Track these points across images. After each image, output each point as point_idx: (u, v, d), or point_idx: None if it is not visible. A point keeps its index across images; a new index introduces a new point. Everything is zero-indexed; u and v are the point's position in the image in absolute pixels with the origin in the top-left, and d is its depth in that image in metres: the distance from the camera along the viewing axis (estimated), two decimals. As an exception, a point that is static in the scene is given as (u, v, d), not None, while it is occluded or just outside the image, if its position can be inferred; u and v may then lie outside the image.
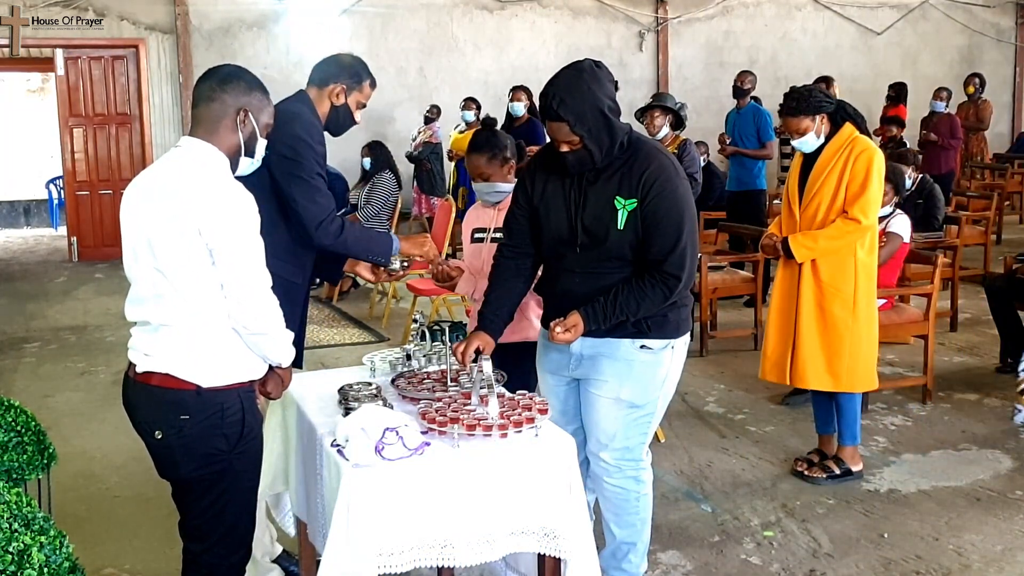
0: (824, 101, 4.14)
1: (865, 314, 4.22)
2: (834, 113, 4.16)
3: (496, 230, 3.70)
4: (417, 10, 12.39)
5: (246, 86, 2.65)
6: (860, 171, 4.07)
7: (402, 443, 2.55)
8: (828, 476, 4.40)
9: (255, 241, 2.53)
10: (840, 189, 4.11)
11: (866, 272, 4.20)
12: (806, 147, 4.20)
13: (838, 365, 4.22)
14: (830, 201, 4.13)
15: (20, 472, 3.20)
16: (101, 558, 3.78)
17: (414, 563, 2.55)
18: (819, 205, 4.15)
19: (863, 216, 4.08)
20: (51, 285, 10.16)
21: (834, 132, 4.16)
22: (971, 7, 14.55)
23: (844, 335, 4.19)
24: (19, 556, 2.27)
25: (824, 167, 4.14)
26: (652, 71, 13.38)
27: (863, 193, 4.06)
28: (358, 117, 3.52)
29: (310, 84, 3.45)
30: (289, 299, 2.90)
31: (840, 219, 4.11)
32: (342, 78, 3.42)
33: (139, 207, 2.56)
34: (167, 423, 2.56)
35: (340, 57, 3.51)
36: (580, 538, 2.70)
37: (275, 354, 2.65)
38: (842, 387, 4.28)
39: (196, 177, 2.50)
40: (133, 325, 2.65)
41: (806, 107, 4.12)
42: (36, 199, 16.07)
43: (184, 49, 11.35)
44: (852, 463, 4.44)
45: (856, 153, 4.09)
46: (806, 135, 4.15)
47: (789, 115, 4.17)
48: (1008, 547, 3.81)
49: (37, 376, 6.58)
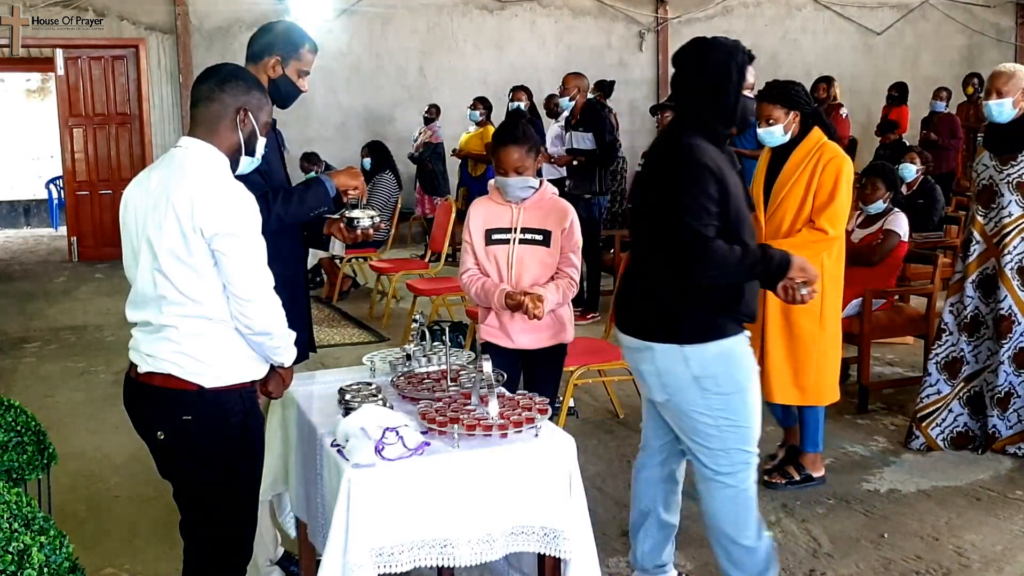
0: (804, 101, 4.07)
1: (831, 325, 4.13)
2: (806, 117, 4.06)
3: (524, 230, 3.63)
4: (417, 10, 12.39)
5: (244, 85, 2.65)
6: (828, 180, 3.95)
7: (402, 443, 2.55)
8: (788, 482, 4.33)
9: (257, 241, 2.53)
10: (808, 197, 3.98)
11: (833, 282, 4.08)
12: (771, 138, 4.07)
13: (805, 379, 4.12)
14: (797, 209, 4.00)
15: (20, 472, 3.20)
16: (101, 558, 3.77)
17: (414, 563, 2.55)
18: (785, 213, 4.03)
19: (830, 227, 3.94)
20: (51, 285, 10.16)
21: (803, 136, 4.05)
22: (971, 7, 14.55)
23: (811, 347, 4.09)
24: (19, 556, 2.27)
25: (791, 173, 4.02)
26: (652, 71, 13.38)
27: (831, 203, 3.93)
28: (303, 85, 3.32)
29: (247, 61, 3.28)
30: (287, 291, 2.87)
31: (807, 229, 3.98)
32: (276, 49, 3.26)
33: (139, 208, 2.56)
34: (169, 423, 2.56)
35: (273, 26, 3.36)
36: (580, 538, 2.70)
37: (278, 354, 2.65)
38: (808, 401, 4.20)
39: (197, 178, 2.49)
40: (133, 326, 2.64)
41: (784, 98, 4.05)
42: (36, 199, 16.09)
43: (184, 49, 11.36)
44: (813, 469, 4.37)
45: (825, 160, 3.97)
46: (774, 126, 4.03)
47: (766, 100, 4.08)
48: (1008, 547, 3.81)
49: (37, 376, 6.59)
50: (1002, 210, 4.55)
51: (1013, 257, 4.53)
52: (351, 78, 12.17)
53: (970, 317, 4.69)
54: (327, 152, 10.71)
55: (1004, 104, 4.47)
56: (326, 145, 11.26)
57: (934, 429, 4.77)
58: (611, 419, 5.30)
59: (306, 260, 3.57)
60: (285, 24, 3.41)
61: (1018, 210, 4.52)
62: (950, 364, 4.76)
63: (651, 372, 3.11)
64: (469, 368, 3.24)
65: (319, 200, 3.20)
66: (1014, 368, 4.57)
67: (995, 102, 4.49)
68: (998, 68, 4.58)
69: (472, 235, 3.71)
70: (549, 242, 3.65)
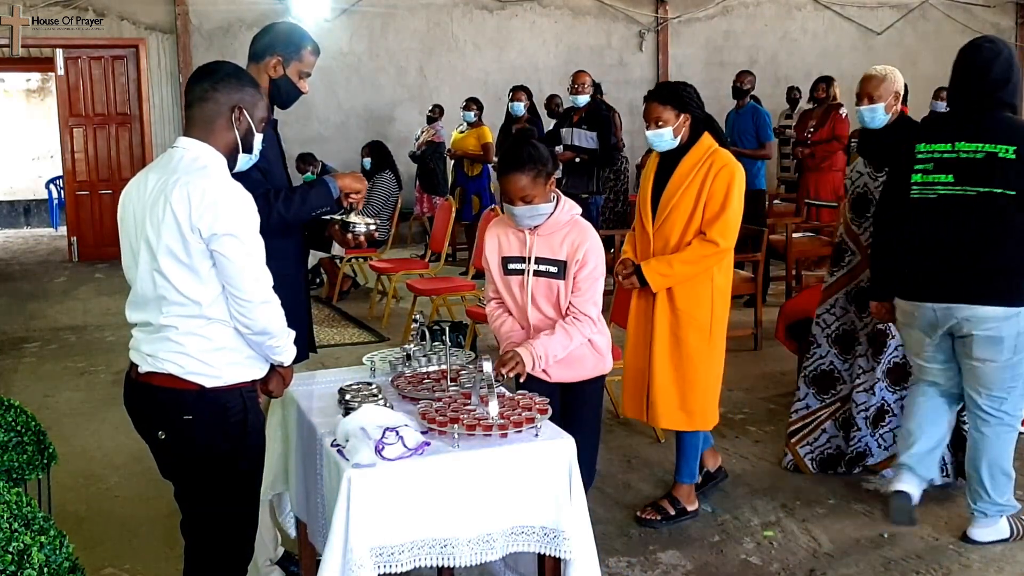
0: (695, 104, 3.83)
1: (719, 344, 3.93)
2: (697, 122, 3.84)
3: (539, 260, 3.35)
4: (417, 10, 12.39)
5: (238, 83, 2.65)
6: (720, 189, 3.72)
7: (402, 443, 2.55)
8: (663, 519, 4.02)
9: (256, 242, 2.52)
10: (698, 207, 3.75)
11: (722, 298, 3.88)
12: (659, 142, 3.83)
13: (692, 402, 3.89)
14: (686, 220, 3.77)
15: (20, 472, 3.21)
16: (101, 558, 3.77)
17: (414, 563, 2.55)
18: (674, 224, 3.79)
19: (721, 238, 3.72)
20: (51, 285, 10.16)
21: (693, 143, 3.82)
22: (971, 7, 14.56)
23: (699, 366, 3.86)
24: (19, 556, 2.27)
25: (681, 182, 3.78)
26: (652, 71, 13.38)
27: (723, 213, 3.71)
28: (304, 87, 3.34)
29: (248, 61, 3.30)
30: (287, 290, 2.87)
31: (697, 241, 3.75)
32: (277, 49, 3.28)
33: (137, 210, 2.56)
34: (170, 423, 2.57)
35: (276, 27, 3.37)
36: (580, 538, 2.70)
37: (277, 353, 2.65)
38: (695, 425, 3.95)
39: (195, 179, 2.48)
40: (134, 326, 2.64)
41: (675, 99, 3.80)
42: (36, 199, 16.09)
43: (184, 49, 11.36)
44: (688, 502, 4.07)
45: (716, 169, 3.73)
46: (663, 128, 3.78)
47: (655, 100, 3.84)
48: (1008, 547, 3.81)
49: (37, 376, 6.59)
50: None
51: None
52: (351, 78, 12.17)
53: (842, 331, 4.46)
54: (327, 152, 10.72)
55: (876, 109, 4.22)
56: (326, 145, 11.26)
57: (803, 448, 4.54)
58: (611, 419, 5.30)
59: (307, 259, 3.57)
60: (287, 25, 3.41)
61: None
62: (819, 378, 4.54)
63: (1012, 335, 3.60)
64: (469, 368, 3.24)
65: (321, 201, 3.18)
66: (888, 383, 4.33)
67: (867, 107, 4.24)
68: (869, 71, 4.30)
69: (489, 263, 3.49)
70: (564, 274, 3.35)
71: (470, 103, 10.46)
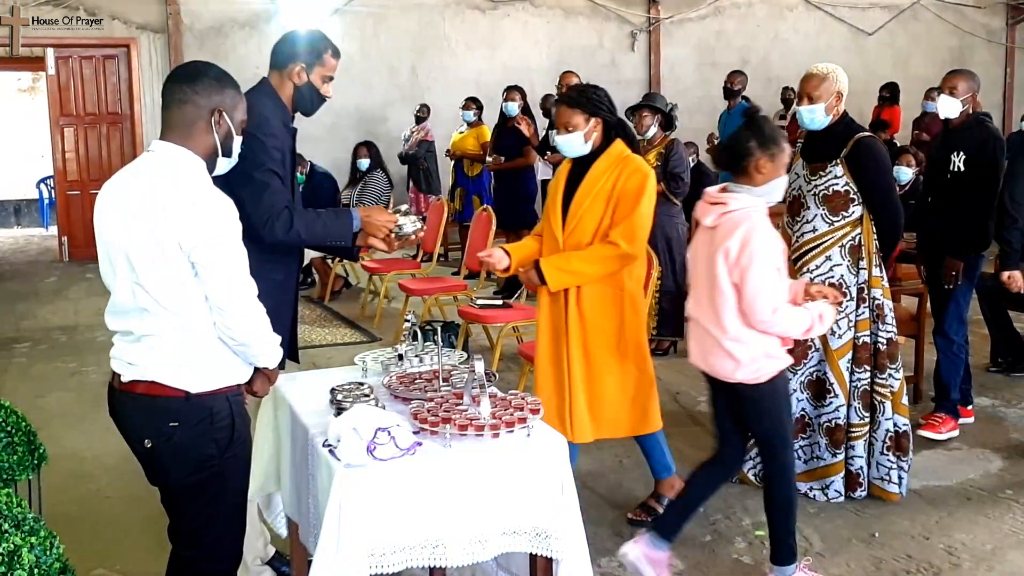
0: (606, 109, 3.72)
1: (635, 351, 3.76)
2: (609, 127, 3.73)
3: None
4: (409, 10, 12.38)
5: (217, 84, 2.55)
6: (630, 193, 3.61)
7: (394, 443, 2.55)
8: (653, 519, 3.88)
9: (237, 251, 2.47)
10: (607, 212, 3.65)
11: (632, 305, 3.74)
12: (569, 148, 3.72)
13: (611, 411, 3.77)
14: (596, 226, 3.66)
15: (10, 473, 3.19)
16: (92, 558, 3.76)
17: (406, 563, 2.55)
18: (585, 230, 3.68)
19: (624, 241, 3.60)
20: (42, 285, 10.13)
21: (605, 148, 3.72)
22: (962, 8, 14.60)
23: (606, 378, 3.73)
24: (9, 557, 2.27)
25: (592, 187, 3.68)
26: (644, 71, 13.39)
27: (629, 216, 3.60)
28: (327, 91, 3.40)
29: (271, 69, 3.36)
30: (274, 297, 2.86)
31: (598, 242, 3.65)
32: (300, 57, 3.32)
33: (114, 219, 2.48)
34: (156, 431, 2.52)
35: (296, 35, 3.41)
36: (572, 538, 2.70)
37: (260, 360, 2.62)
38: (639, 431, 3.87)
39: (173, 187, 2.42)
40: (114, 333, 2.59)
41: (585, 103, 3.68)
42: (26, 199, 16.03)
43: (176, 49, 11.32)
44: (672, 494, 3.91)
45: (628, 173, 3.64)
46: (573, 133, 3.68)
47: (565, 105, 3.72)
48: (998, 546, 3.83)
49: (28, 376, 6.56)
50: (806, 224, 4.15)
51: (814, 279, 4.03)
52: (343, 77, 11.97)
53: None
54: (318, 152, 10.69)
55: (816, 110, 4.07)
56: (317, 145, 11.22)
57: (746, 463, 4.26)
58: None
59: (300, 266, 3.56)
60: (309, 32, 3.45)
61: (824, 225, 4.10)
62: None
63: None
64: (461, 368, 3.24)
65: (342, 233, 3.28)
66: (808, 395, 4.22)
67: (806, 108, 4.09)
68: (810, 69, 4.12)
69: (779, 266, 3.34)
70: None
71: (469, 103, 10.35)
